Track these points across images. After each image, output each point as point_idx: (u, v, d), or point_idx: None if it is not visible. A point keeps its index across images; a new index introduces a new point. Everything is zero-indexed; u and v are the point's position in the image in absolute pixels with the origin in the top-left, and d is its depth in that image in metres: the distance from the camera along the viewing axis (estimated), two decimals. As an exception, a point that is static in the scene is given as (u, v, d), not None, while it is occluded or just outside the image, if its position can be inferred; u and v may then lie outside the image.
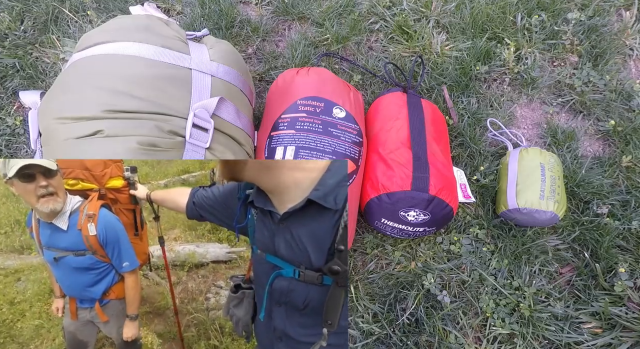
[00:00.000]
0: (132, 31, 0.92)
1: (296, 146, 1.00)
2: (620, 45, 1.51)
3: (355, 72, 1.44)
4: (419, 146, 1.06)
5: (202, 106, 0.89)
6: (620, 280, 1.08)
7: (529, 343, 1.04)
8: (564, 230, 1.19)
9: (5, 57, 1.44)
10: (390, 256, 1.15)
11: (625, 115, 1.39)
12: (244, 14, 1.56)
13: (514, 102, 1.43)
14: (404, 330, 1.06)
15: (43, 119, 0.84)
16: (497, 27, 1.50)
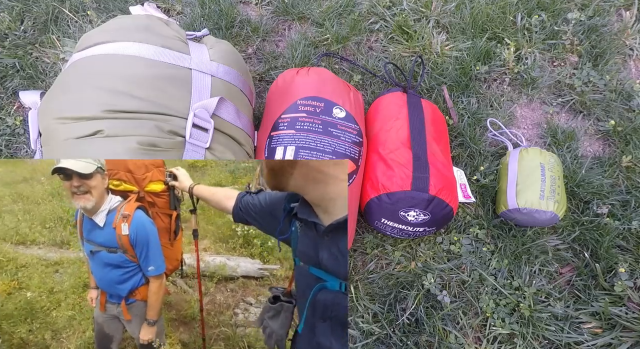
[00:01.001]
0: (132, 31, 0.92)
1: (296, 146, 1.00)
2: (620, 45, 1.51)
3: (355, 72, 1.44)
4: (419, 146, 1.06)
5: (202, 106, 0.89)
6: (620, 280, 1.08)
7: (529, 343, 1.04)
8: (564, 230, 1.19)
9: (5, 57, 1.44)
10: (390, 256, 1.15)
11: (625, 115, 1.39)
12: (244, 14, 1.56)
13: (514, 102, 1.43)
14: (404, 330, 1.06)
15: (43, 119, 0.84)
16: (497, 27, 1.50)
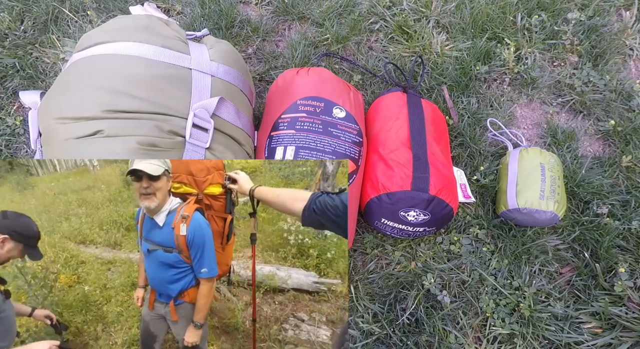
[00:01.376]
0: (132, 31, 0.92)
1: (296, 146, 1.00)
2: (620, 45, 1.51)
3: (355, 72, 1.44)
4: (419, 146, 1.06)
5: (202, 106, 0.89)
6: (620, 280, 1.08)
7: (529, 343, 1.04)
8: (564, 230, 1.19)
9: (5, 57, 1.44)
10: (390, 256, 1.15)
11: (625, 115, 1.39)
12: (244, 14, 1.56)
13: (514, 102, 1.43)
14: (404, 330, 1.06)
15: (43, 119, 0.84)
16: (497, 27, 1.50)
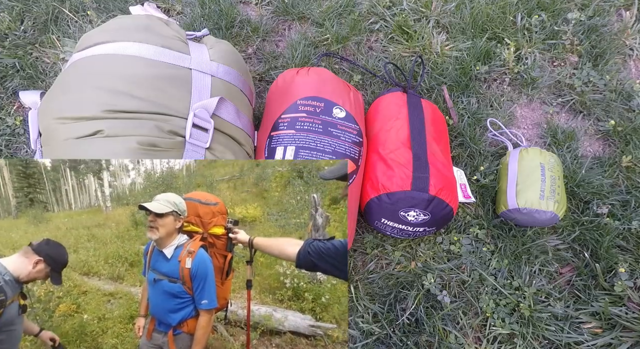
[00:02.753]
0: (132, 31, 0.92)
1: (296, 146, 1.00)
2: (620, 45, 1.51)
3: (355, 72, 1.44)
4: (419, 146, 1.06)
5: (202, 106, 0.89)
6: (620, 280, 1.08)
7: (529, 343, 1.04)
8: (564, 230, 1.19)
9: (5, 57, 1.44)
10: (390, 256, 1.15)
11: (625, 115, 1.39)
12: (244, 14, 1.56)
13: (514, 102, 1.43)
14: (404, 330, 1.06)
15: (43, 119, 0.84)
16: (497, 27, 1.50)
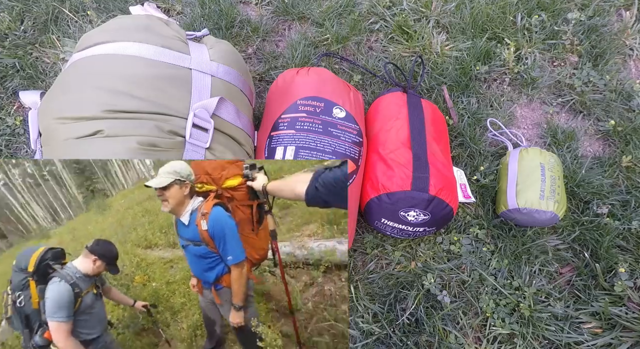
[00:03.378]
0: (132, 31, 0.92)
1: (296, 146, 1.00)
2: (620, 45, 1.51)
3: (355, 72, 1.44)
4: (419, 146, 1.06)
5: (202, 106, 0.89)
6: (620, 280, 1.08)
7: (529, 343, 1.04)
8: (564, 230, 1.19)
9: (5, 57, 1.44)
10: (390, 256, 1.15)
11: (625, 115, 1.39)
12: (244, 14, 1.56)
13: (514, 102, 1.43)
14: (404, 330, 1.06)
15: (43, 119, 0.84)
16: (497, 27, 1.50)
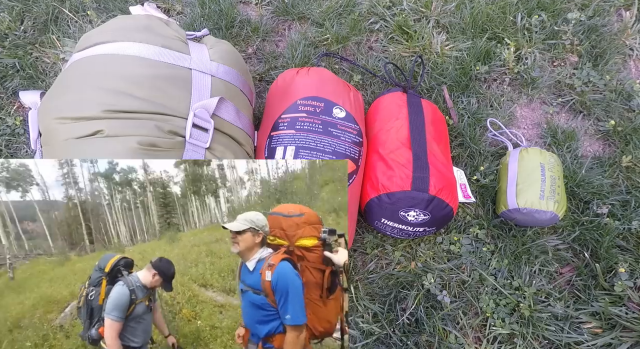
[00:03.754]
0: (132, 31, 0.92)
1: (296, 146, 1.00)
2: (620, 45, 1.51)
3: (355, 72, 1.44)
4: (419, 146, 1.06)
5: (202, 106, 0.89)
6: (620, 280, 1.08)
7: (529, 343, 1.04)
8: (564, 230, 1.19)
9: (5, 57, 1.44)
10: (390, 256, 1.15)
11: (625, 115, 1.39)
12: (244, 14, 1.56)
13: (514, 102, 1.43)
14: (404, 330, 1.06)
15: (43, 119, 0.84)
16: (497, 27, 1.50)
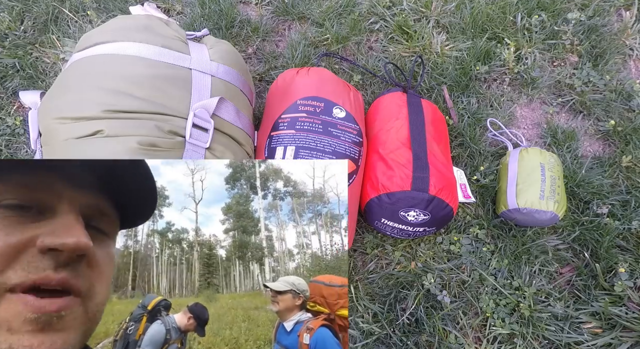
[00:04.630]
0: (132, 31, 0.92)
1: (296, 146, 1.00)
2: (620, 45, 1.51)
3: (355, 72, 1.44)
4: (419, 146, 1.06)
5: (202, 106, 0.89)
6: (620, 280, 1.08)
7: (529, 343, 1.04)
8: (564, 230, 1.19)
9: (5, 57, 1.44)
10: (390, 256, 1.15)
11: (625, 115, 1.39)
12: (244, 14, 1.56)
13: (514, 102, 1.43)
14: (404, 330, 1.06)
15: (43, 119, 0.84)
16: (497, 27, 1.50)
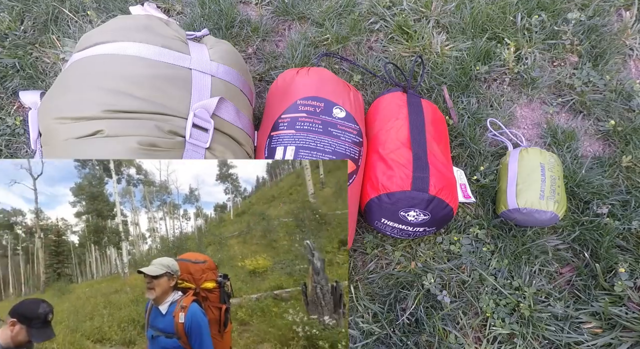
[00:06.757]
0: (132, 31, 0.92)
1: (296, 146, 1.00)
2: (620, 45, 1.51)
3: (355, 72, 1.44)
4: (419, 146, 1.06)
5: (202, 106, 0.89)
6: (620, 280, 1.08)
7: (529, 343, 1.04)
8: (564, 230, 1.19)
9: (5, 57, 1.44)
10: (390, 256, 1.15)
11: (625, 115, 1.39)
12: (244, 14, 1.56)
13: (514, 102, 1.43)
14: (404, 330, 1.06)
15: (43, 119, 0.84)
16: (497, 27, 1.50)
